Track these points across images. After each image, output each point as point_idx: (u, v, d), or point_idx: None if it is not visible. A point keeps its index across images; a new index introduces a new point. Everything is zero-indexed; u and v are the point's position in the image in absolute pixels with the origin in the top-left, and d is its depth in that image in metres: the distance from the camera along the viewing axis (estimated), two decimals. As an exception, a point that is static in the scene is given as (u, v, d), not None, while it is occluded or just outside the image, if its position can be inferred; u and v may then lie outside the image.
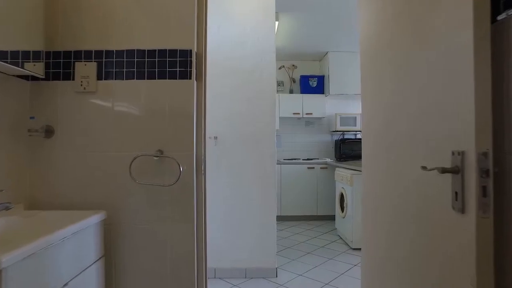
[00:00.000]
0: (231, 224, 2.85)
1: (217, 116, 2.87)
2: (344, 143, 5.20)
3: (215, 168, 2.85)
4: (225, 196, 2.86)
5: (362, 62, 1.82)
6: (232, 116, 2.89)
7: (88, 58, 1.55)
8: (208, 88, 2.94)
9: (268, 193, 2.87)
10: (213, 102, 2.87)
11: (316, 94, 5.35)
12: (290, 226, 4.67)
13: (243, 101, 2.89)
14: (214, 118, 2.87)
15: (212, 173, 2.84)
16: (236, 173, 2.86)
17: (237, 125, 2.88)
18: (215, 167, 2.85)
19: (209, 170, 2.86)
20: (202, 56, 1.64)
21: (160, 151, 1.54)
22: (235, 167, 2.87)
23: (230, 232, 2.86)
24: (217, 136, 2.85)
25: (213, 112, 2.88)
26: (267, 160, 2.88)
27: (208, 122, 2.96)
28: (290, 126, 5.57)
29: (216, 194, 2.84)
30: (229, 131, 2.88)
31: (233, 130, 2.88)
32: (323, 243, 3.86)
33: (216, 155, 2.86)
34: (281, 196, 4.96)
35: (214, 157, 2.85)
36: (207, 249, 1.67)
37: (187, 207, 1.55)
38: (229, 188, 2.86)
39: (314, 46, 5.05)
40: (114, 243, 1.53)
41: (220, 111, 2.88)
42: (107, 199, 1.53)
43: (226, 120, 2.88)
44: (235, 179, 2.86)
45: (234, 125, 2.88)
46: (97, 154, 1.53)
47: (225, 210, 2.86)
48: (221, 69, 2.86)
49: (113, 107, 1.55)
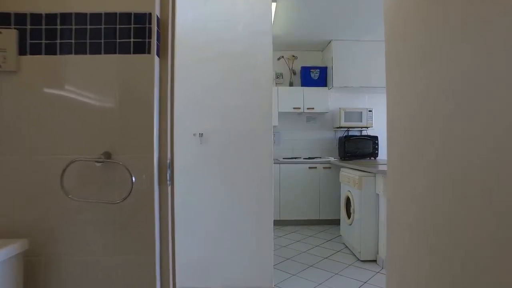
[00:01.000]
0: (220, 237, 2.42)
1: (202, 109, 2.43)
2: (349, 140, 4.77)
3: (200, 171, 2.42)
4: (212, 204, 2.42)
5: (388, 49, 1.39)
6: (221, 109, 2.45)
7: (6, 24, 1.11)
8: (191, 76, 2.49)
9: (264, 199, 2.44)
10: (198, 92, 2.44)
11: (318, 87, 4.90)
12: (289, 232, 4.25)
13: (234, 92, 2.45)
14: (199, 111, 2.43)
15: (196, 177, 2.41)
16: (226, 177, 2.43)
17: (227, 120, 2.44)
18: (200, 170, 2.42)
19: (193, 174, 2.45)
20: (167, 23, 1.20)
21: (107, 154, 1.11)
22: (225, 169, 2.43)
23: (219, 245, 2.43)
24: (203, 133, 2.42)
25: (197, 105, 2.45)
26: (263, 160, 2.45)
27: (192, 116, 2.54)
28: (289, 122, 5.13)
29: (201, 202, 2.41)
30: (218, 127, 2.44)
31: (223, 126, 2.44)
32: (327, 253, 3.43)
33: (201, 156, 2.42)
34: (280, 198, 4.53)
35: (199, 158, 2.42)
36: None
37: (145, 231, 1.12)
38: (217, 195, 2.43)
39: (316, 34, 4.60)
40: (40, 282, 1.09)
41: (207, 103, 2.44)
42: (33, 222, 1.10)
43: (213, 114, 2.44)
44: (224, 184, 2.43)
45: (224, 120, 2.45)
46: (17, 159, 1.10)
47: (212, 220, 2.42)
48: (208, 54, 2.42)
49: (41, 93, 1.12)
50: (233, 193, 2.42)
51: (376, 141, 4.80)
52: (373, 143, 4.80)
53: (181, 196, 2.40)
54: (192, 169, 2.40)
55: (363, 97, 5.15)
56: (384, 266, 2.88)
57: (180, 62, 2.51)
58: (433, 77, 1.01)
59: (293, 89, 4.93)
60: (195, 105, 2.42)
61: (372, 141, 4.80)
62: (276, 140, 5.12)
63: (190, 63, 2.39)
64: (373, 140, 4.81)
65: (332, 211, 4.56)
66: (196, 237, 2.41)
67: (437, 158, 1.00)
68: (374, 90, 4.90)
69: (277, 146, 5.11)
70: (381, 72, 4.56)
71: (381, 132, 5.04)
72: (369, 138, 4.82)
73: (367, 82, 4.70)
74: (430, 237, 1.04)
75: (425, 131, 1.07)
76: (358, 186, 3.18)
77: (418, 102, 1.11)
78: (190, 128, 2.41)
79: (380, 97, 5.14)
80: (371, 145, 4.80)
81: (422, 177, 1.09)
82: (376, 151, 4.81)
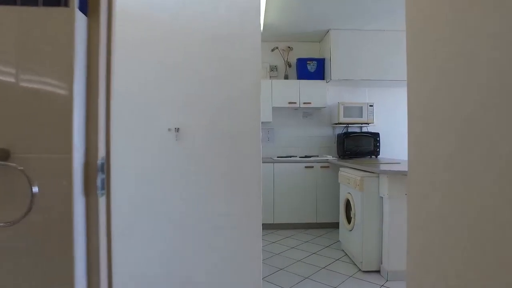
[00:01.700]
0: (198, 249, 2.08)
1: (180, 100, 2.08)
2: (348, 137, 4.43)
3: (175, 172, 2.07)
4: (189, 211, 2.08)
5: (409, 36, 1.04)
6: (202, 101, 2.10)
7: None
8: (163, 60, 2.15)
9: (251, 205, 2.10)
10: (174, 80, 2.09)
11: (316, 80, 4.55)
12: (284, 237, 3.91)
13: (217, 81, 2.10)
14: (175, 102, 2.08)
15: (170, 179, 2.06)
16: (206, 178, 2.08)
17: (208, 113, 2.09)
18: (175, 170, 2.07)
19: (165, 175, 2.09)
20: (97, -32, 0.85)
21: (3, 152, 0.76)
22: (205, 170, 2.08)
23: (195, 260, 2.08)
24: (179, 128, 2.07)
25: (174, 95, 2.10)
26: (250, 160, 2.10)
27: (167, 108, 2.17)
28: (284, 117, 4.79)
29: (176, 209, 2.06)
30: (198, 121, 2.09)
31: (203, 120, 2.09)
32: (325, 262, 3.09)
33: (177, 154, 2.07)
34: (274, 200, 4.19)
35: (174, 156, 2.07)
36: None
37: (59, 263, 0.78)
38: (196, 200, 2.08)
39: (313, 23, 4.25)
40: None
41: (185, 93, 2.09)
42: None
43: (193, 107, 2.09)
44: (204, 187, 2.08)
45: (205, 113, 2.10)
46: None
47: (188, 229, 2.08)
48: (184, 34, 2.07)
49: None
50: (215, 197, 2.07)
51: (377, 138, 4.48)
52: (374, 141, 4.47)
53: (150, 202, 2.05)
54: (165, 169, 2.05)
55: (364, 91, 4.81)
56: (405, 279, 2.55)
57: (151, 45, 2.16)
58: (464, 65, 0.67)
59: (288, 82, 4.58)
60: (170, 95, 2.07)
61: (373, 138, 4.48)
62: (270, 138, 4.78)
63: (162, 45, 2.04)
64: (374, 137, 4.48)
65: (330, 214, 4.23)
66: (165, 251, 2.06)
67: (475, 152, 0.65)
68: (375, 84, 4.57)
69: (271, 143, 4.77)
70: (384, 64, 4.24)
71: (382, 128, 4.71)
72: (370, 135, 4.49)
73: (368, 74, 4.37)
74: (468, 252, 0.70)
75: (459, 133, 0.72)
76: (360, 187, 2.84)
77: (447, 89, 0.77)
78: (164, 122, 2.06)
79: (382, 91, 4.81)
80: (372, 143, 4.47)
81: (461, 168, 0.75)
82: (378, 149, 4.48)
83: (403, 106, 4.66)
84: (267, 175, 4.19)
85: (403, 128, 5.10)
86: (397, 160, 3.77)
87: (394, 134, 4.79)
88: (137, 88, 2.05)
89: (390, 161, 3.70)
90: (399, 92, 4.82)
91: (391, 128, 4.79)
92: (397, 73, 4.34)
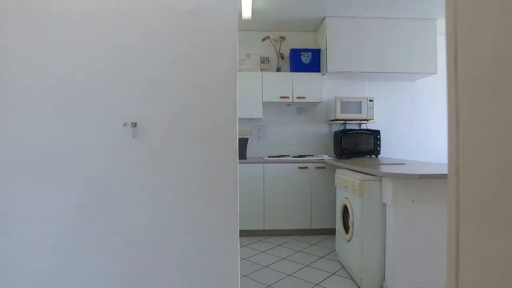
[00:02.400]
0: (155, 274, 1.69)
1: (137, 90, 1.70)
2: (346, 135, 4.06)
3: (132, 173, 1.68)
4: (146, 226, 1.69)
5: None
6: (163, 90, 1.71)
7: None
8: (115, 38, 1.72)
9: (226, 212, 1.71)
10: (130, 64, 1.70)
11: (310, 73, 4.16)
12: (274, 246, 3.52)
13: (184, 63, 1.71)
14: (132, 93, 1.70)
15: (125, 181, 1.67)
16: (170, 181, 1.70)
17: (172, 105, 1.71)
18: (132, 171, 1.68)
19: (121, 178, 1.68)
20: None
21: None
22: (169, 171, 1.70)
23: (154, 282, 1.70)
24: (137, 123, 1.68)
25: (130, 83, 1.72)
26: (225, 160, 1.71)
27: (122, 98, 1.65)
28: (276, 113, 4.40)
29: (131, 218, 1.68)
30: (159, 115, 1.71)
31: (166, 113, 1.71)
32: (320, 277, 2.71)
33: (134, 153, 1.69)
34: (264, 204, 3.81)
35: (132, 155, 1.69)
36: None
37: None
38: (157, 207, 1.69)
39: (307, 10, 3.86)
40: None
41: (144, 81, 1.70)
42: None
43: (153, 95, 1.71)
44: (166, 194, 1.69)
45: (168, 105, 1.71)
46: None
47: (143, 249, 1.69)
48: (142, 7, 1.68)
49: None
50: (179, 209, 1.69)
51: (377, 136, 4.10)
52: (375, 139, 4.10)
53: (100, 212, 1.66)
54: (119, 173, 1.66)
55: (363, 84, 4.43)
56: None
57: (101, 21, 1.74)
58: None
59: (280, 75, 4.19)
60: (127, 81, 1.68)
61: (373, 136, 4.10)
62: (260, 136, 4.39)
63: (114, 21, 1.65)
64: (374, 135, 4.10)
65: (326, 220, 3.85)
66: (119, 271, 1.68)
67: None
68: (376, 77, 4.20)
69: (262, 142, 4.39)
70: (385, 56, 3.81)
71: (383, 125, 4.34)
72: (369, 133, 4.12)
73: (368, 66, 3.99)
74: None
75: None
76: (359, 192, 2.46)
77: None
78: (118, 115, 1.67)
79: (383, 84, 4.44)
80: (371, 141, 4.10)
81: None
82: (378, 148, 4.11)
83: (406, 101, 4.17)
84: (256, 176, 3.81)
85: (406, 125, 4.67)
86: (401, 161, 3.39)
87: (396, 131, 4.42)
88: (82, 74, 1.66)
89: (393, 161, 3.32)
90: (401, 86, 4.45)
91: (393, 125, 4.42)
92: (399, 65, 3.96)
